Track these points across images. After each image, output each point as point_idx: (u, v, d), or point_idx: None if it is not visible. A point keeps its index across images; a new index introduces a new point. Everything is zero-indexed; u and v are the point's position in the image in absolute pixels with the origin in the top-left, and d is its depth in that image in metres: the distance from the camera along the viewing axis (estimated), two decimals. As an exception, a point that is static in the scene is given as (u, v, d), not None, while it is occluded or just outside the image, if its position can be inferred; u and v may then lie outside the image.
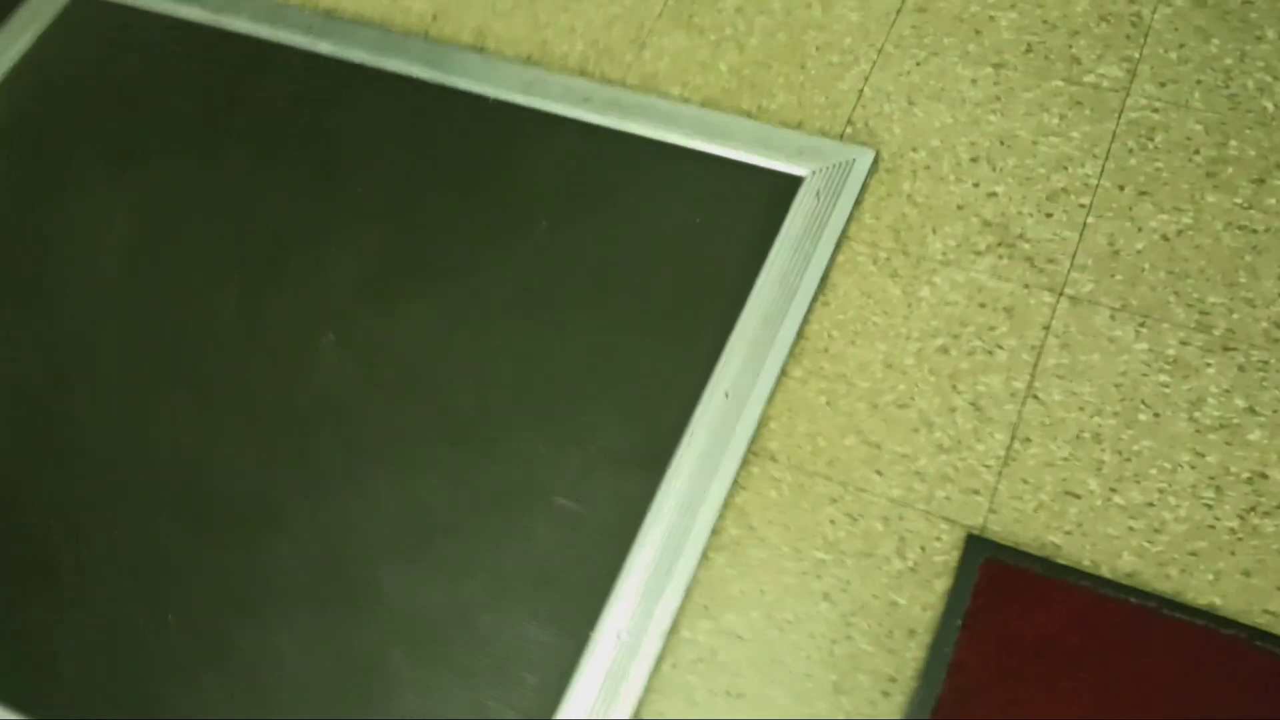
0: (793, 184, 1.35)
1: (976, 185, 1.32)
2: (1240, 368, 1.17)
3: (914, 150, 1.35)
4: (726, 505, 1.21)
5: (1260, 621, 1.07)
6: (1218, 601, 1.08)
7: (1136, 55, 1.35)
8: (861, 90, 1.41)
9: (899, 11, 1.45)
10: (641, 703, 1.13)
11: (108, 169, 1.60)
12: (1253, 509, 1.11)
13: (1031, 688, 1.06)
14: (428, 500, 1.28)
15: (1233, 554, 1.09)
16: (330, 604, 1.25)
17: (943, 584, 1.13)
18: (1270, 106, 1.30)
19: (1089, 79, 1.35)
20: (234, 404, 1.39)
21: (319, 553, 1.28)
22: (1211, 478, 1.13)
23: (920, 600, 1.12)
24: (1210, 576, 1.09)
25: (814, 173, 1.35)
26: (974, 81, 1.38)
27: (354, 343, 1.39)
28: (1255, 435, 1.14)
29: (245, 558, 1.29)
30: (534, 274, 1.39)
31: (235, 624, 1.26)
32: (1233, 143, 1.28)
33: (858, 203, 1.33)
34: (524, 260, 1.40)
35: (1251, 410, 1.15)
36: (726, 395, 1.26)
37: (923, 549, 1.15)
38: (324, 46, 1.62)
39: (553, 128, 1.48)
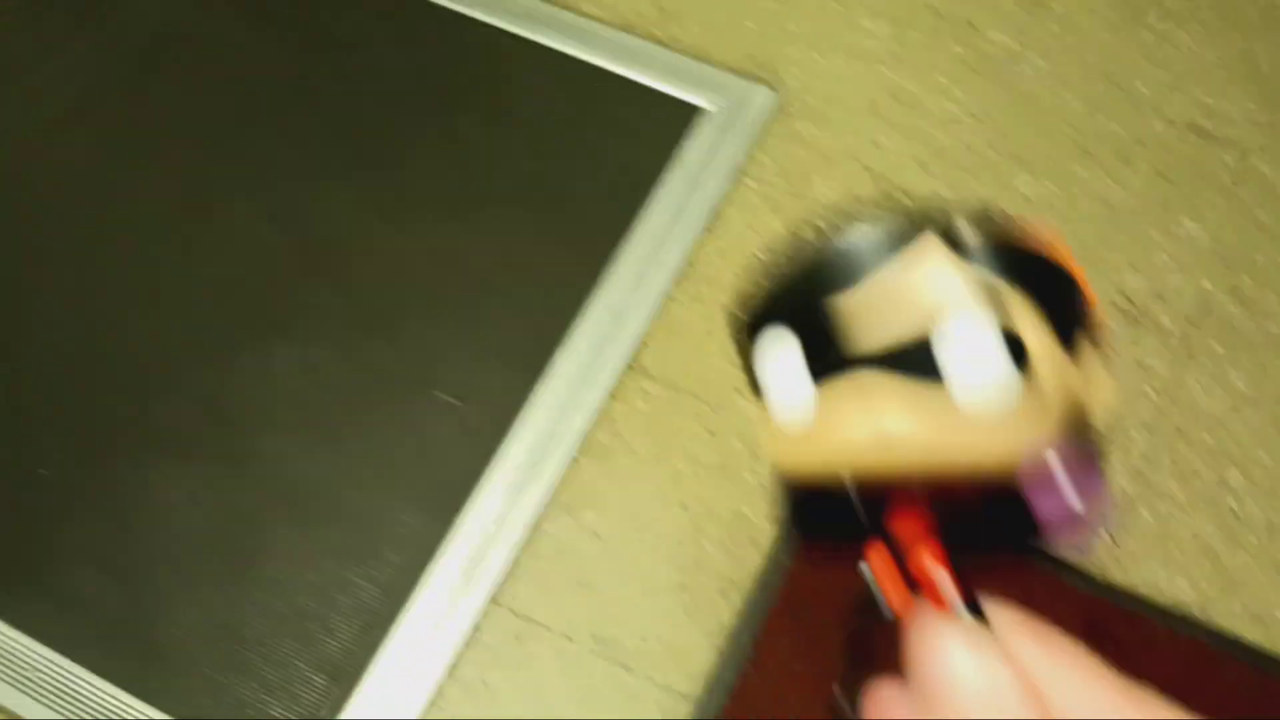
0: (694, 114, 1.40)
1: (865, 135, 1.38)
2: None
3: (811, 95, 1.41)
4: (598, 413, 1.27)
5: (1069, 558, 1.17)
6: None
7: (1027, 25, 1.43)
8: (769, 31, 1.46)
9: (814, -40, 1.51)
10: (497, 587, 1.20)
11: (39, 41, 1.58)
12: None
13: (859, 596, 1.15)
14: (321, 375, 1.32)
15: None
16: (214, 460, 1.29)
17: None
18: (1144, 90, 1.38)
19: (982, 45, 1.43)
20: (138, 261, 1.40)
21: (214, 413, 1.31)
22: (1042, 425, 1.23)
23: (766, 513, 1.21)
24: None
25: (716, 106, 1.40)
26: (874, 35, 1.45)
27: (272, 217, 1.41)
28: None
29: (134, 409, 1.32)
30: (448, 172, 1.43)
31: (118, 470, 1.29)
32: (1104, 121, 1.37)
33: (753, 140, 1.39)
34: (439, 157, 1.44)
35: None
36: (610, 308, 1.32)
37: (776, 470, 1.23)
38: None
39: (475, 31, 1.51)
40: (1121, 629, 1.14)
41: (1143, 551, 1.18)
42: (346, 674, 1.19)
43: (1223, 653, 1.13)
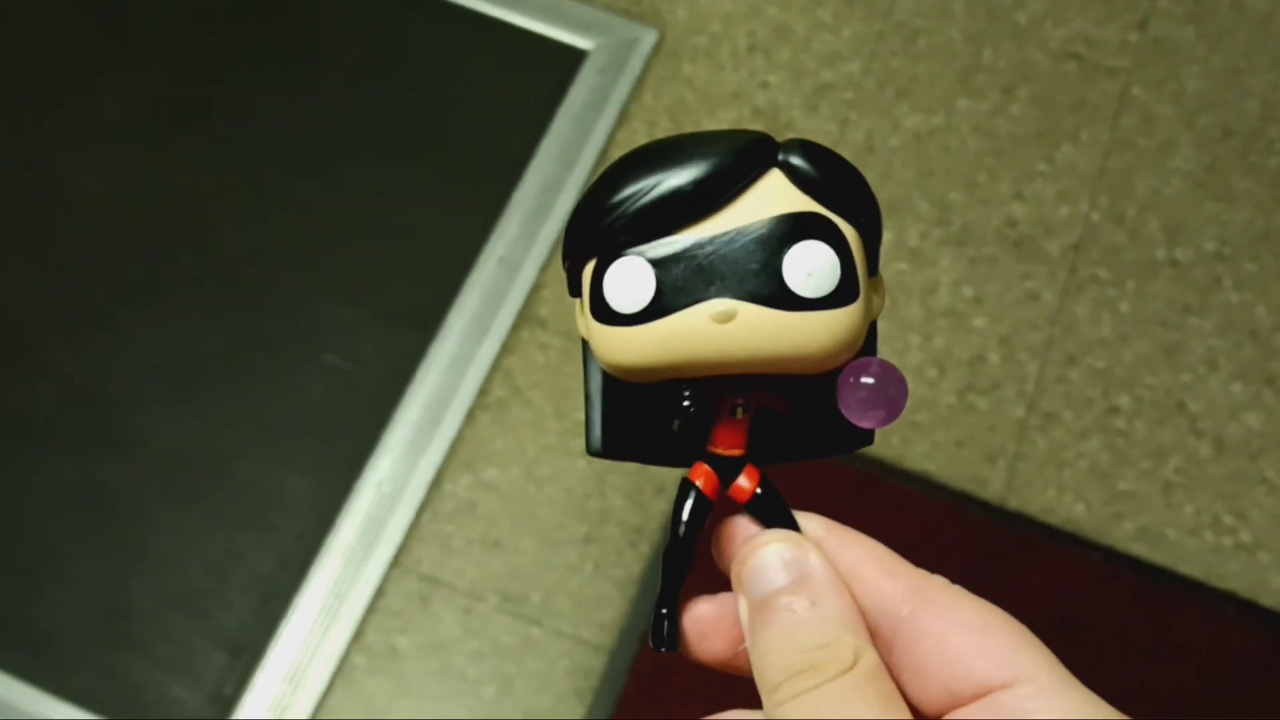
0: (578, 57, 1.37)
1: (751, 75, 1.37)
2: (971, 261, 1.28)
3: (695, 35, 1.39)
4: (494, 367, 1.25)
5: (967, 487, 1.19)
6: (931, 469, 1.19)
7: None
8: (651, -29, 1.44)
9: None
10: (400, 550, 1.17)
11: None
12: (969, 388, 1.23)
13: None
14: (191, 345, 1.27)
15: (948, 427, 1.21)
16: (86, 443, 1.23)
17: (691, 446, 1.20)
18: (1023, 21, 1.39)
19: (864, -20, 1.42)
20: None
21: (76, 391, 1.25)
22: (936, 358, 1.24)
23: (669, 460, 1.20)
24: (927, 446, 1.20)
25: (599, 48, 1.37)
26: (758, -28, 1.43)
27: (117, 183, 1.35)
28: (978, 323, 1.25)
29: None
30: (316, 127, 1.37)
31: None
32: (986, 52, 1.38)
33: (639, 82, 1.37)
34: (306, 112, 1.38)
35: (977, 300, 1.26)
36: (501, 261, 1.29)
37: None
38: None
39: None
40: (1021, 552, 1.17)
41: (1038, 477, 1.20)
42: (248, 648, 1.16)
43: (1116, 569, 1.16)
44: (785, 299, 0.27)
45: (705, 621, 0.31)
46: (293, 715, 1.13)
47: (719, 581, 0.31)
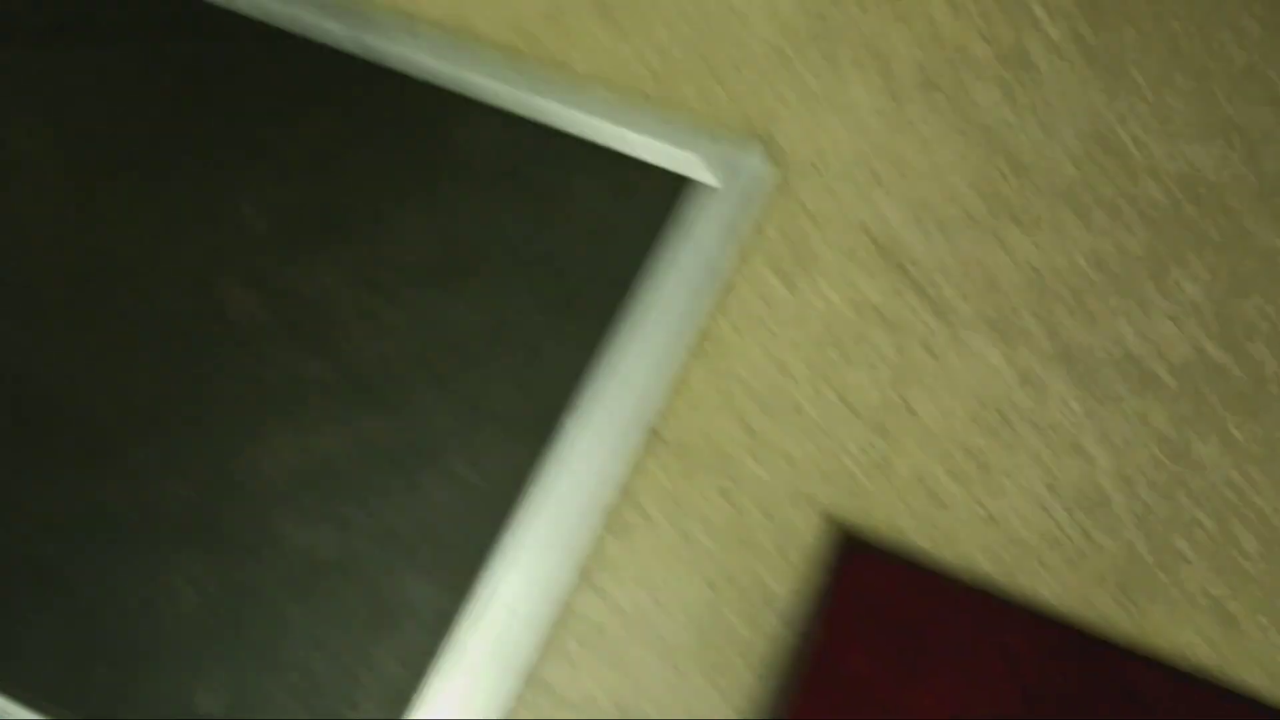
0: (697, 184, 1.43)
1: (864, 200, 1.42)
2: (1085, 387, 1.30)
3: (814, 164, 1.45)
4: (616, 484, 1.29)
5: (1087, 618, 1.20)
6: (1048, 597, 1.21)
7: (1019, 91, 1.47)
8: (769, 99, 1.50)
9: (809, 30, 1.54)
10: (525, 665, 1.21)
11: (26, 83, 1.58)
12: (1086, 518, 1.24)
13: (886, 669, 1.17)
14: (322, 451, 1.33)
15: (1067, 558, 1.23)
16: (219, 545, 1.29)
17: (810, 569, 1.23)
18: (1135, 151, 1.42)
19: (974, 110, 1.46)
20: (130, 343, 1.41)
21: (211, 494, 1.31)
22: (1050, 485, 1.26)
23: (789, 583, 1.23)
24: (1044, 577, 1.22)
25: (718, 175, 1.43)
26: (869, 100, 1.48)
27: (258, 292, 1.42)
28: (1093, 450, 1.27)
29: (135, 495, 1.32)
30: (442, 242, 1.44)
31: (123, 561, 1.29)
32: (1098, 181, 1.41)
33: (757, 209, 1.42)
34: (433, 228, 1.45)
35: (1091, 420, 1.28)
36: (622, 379, 1.34)
37: (795, 537, 1.25)
38: (239, 3, 1.63)
39: (471, 104, 1.53)
40: (1142, 690, 1.17)
41: (1156, 608, 1.21)
42: (376, 757, 1.20)
43: (1237, 706, 1.16)
44: None
45: None
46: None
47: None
